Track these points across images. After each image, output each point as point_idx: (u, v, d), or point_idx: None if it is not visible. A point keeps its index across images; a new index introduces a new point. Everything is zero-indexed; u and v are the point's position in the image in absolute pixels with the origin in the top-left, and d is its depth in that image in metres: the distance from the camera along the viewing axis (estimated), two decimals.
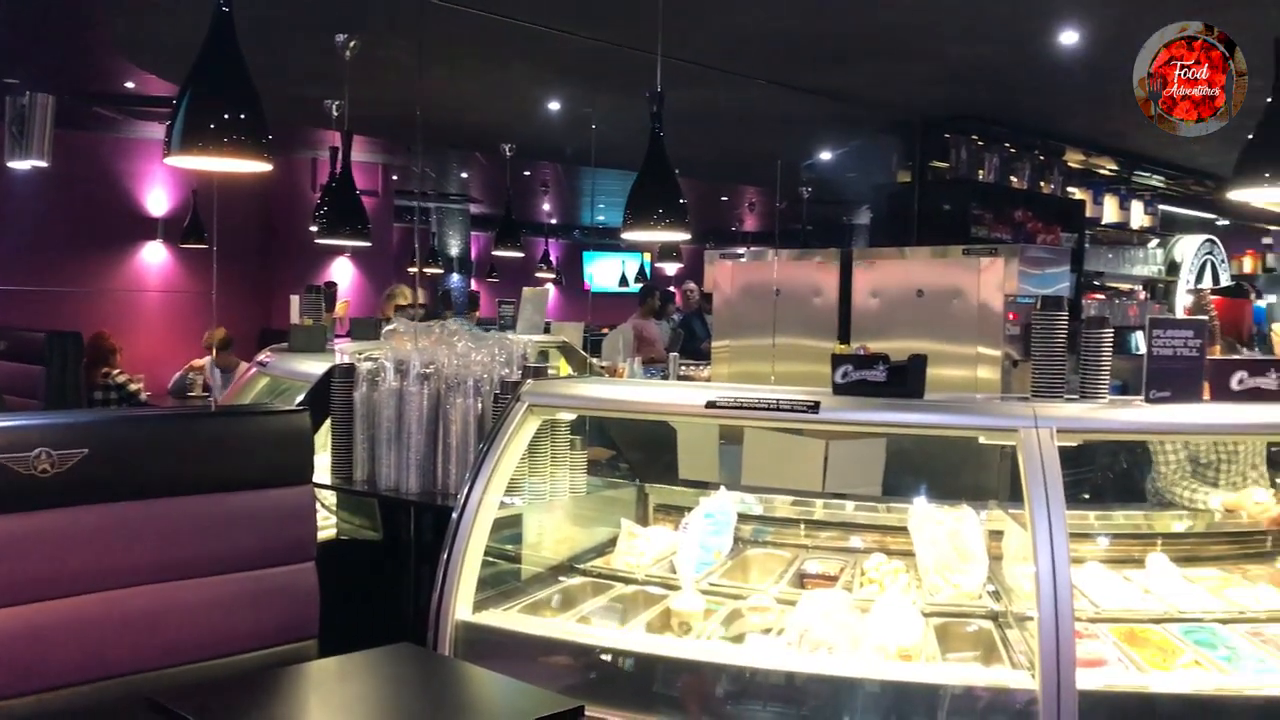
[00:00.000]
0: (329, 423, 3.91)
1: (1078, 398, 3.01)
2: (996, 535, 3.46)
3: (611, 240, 19.89)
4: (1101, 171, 10.48)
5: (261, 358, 5.60)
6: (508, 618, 3.16)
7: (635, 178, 4.57)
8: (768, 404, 3.13)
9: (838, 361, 3.12)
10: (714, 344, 5.94)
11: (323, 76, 6.59)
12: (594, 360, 7.77)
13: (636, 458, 4.28)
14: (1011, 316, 4.89)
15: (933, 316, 5.00)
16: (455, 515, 3.18)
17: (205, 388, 8.67)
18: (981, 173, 8.86)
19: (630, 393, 3.69)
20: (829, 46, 6.73)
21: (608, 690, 2.94)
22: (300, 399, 4.26)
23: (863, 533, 3.86)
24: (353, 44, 5.83)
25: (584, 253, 21.74)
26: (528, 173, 13.81)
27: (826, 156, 10.75)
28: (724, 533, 3.70)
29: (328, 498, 3.91)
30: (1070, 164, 9.97)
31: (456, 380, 3.63)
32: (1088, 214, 9.99)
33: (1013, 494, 3.30)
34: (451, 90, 8.01)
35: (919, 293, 5.10)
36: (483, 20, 6.00)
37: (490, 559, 3.27)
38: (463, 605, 3.10)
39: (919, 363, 3.05)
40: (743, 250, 6.11)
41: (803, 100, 8.04)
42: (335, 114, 6.72)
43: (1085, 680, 2.59)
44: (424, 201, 16.40)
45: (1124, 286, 10.71)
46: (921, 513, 3.48)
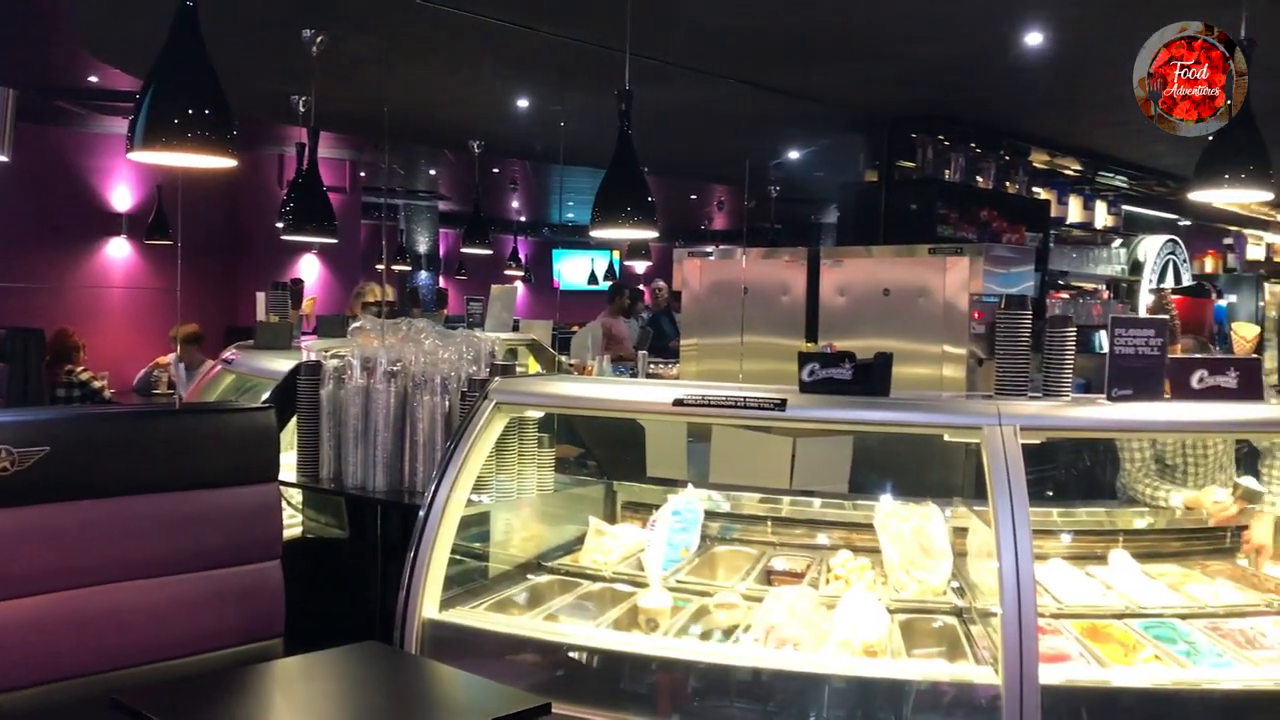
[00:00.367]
0: (295, 420, 3.89)
1: (1041, 396, 3.05)
2: (961, 532, 3.49)
3: (581, 238, 19.88)
4: (1066, 172, 10.58)
5: (227, 355, 5.56)
6: (475, 616, 3.16)
7: (604, 175, 4.57)
8: (735, 402, 3.15)
9: (804, 360, 3.14)
10: (682, 342, 5.95)
11: (290, 72, 6.55)
12: (563, 358, 7.76)
13: (605, 455, 4.28)
14: (976, 315, 4.93)
15: (899, 315, 5.03)
16: (422, 513, 3.17)
17: (170, 385, 8.60)
18: (948, 172, 8.92)
19: (598, 390, 3.70)
20: (797, 46, 6.75)
21: (575, 687, 2.94)
22: (266, 396, 4.23)
23: (829, 530, 3.89)
24: (320, 40, 5.81)
25: (553, 250, 21.72)
26: (496, 170, 13.77)
27: (795, 156, 10.79)
28: (691, 530, 3.71)
29: (294, 496, 3.89)
30: (1035, 164, 10.06)
31: (424, 378, 3.62)
32: (1052, 214, 10.08)
33: (977, 491, 3.33)
34: (419, 87, 7.97)
35: (885, 291, 5.13)
36: (451, 17, 5.98)
37: (457, 557, 3.27)
38: (429, 603, 3.09)
39: (884, 361, 3.07)
40: (711, 249, 6.12)
41: (771, 99, 8.06)
42: (302, 110, 6.69)
43: (1048, 675, 2.62)
44: (392, 198, 16.33)
45: (1088, 286, 10.82)
46: (887, 510, 3.51)
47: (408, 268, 16.70)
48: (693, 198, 16.58)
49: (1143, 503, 4.02)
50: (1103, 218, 10.98)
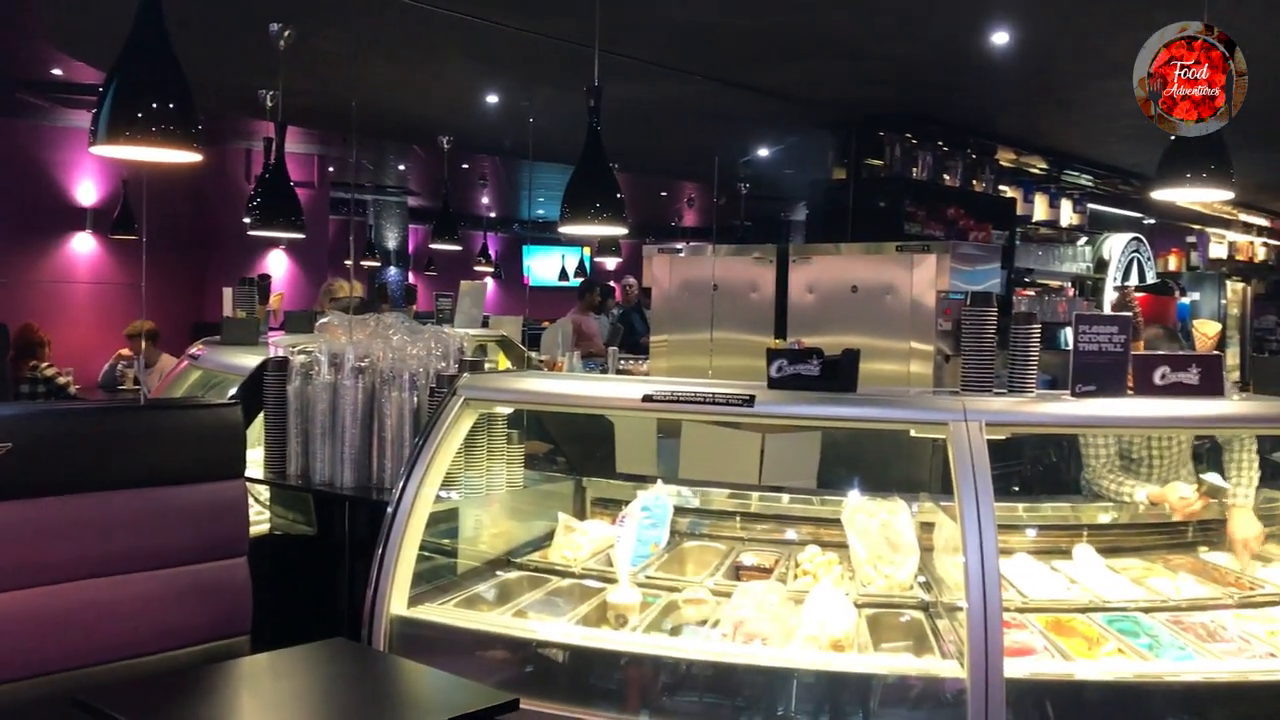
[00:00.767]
0: (262, 417, 3.87)
1: (1006, 392, 3.07)
2: (928, 527, 3.52)
3: (551, 234, 19.84)
4: (1032, 170, 10.66)
5: (193, 350, 5.52)
6: (443, 612, 3.16)
7: (572, 171, 4.57)
8: (703, 398, 3.16)
9: (773, 356, 3.15)
10: (652, 339, 5.95)
11: (257, 66, 6.50)
12: (532, 354, 7.75)
13: (574, 452, 4.28)
14: (945, 312, 4.96)
15: (867, 312, 5.06)
16: (390, 510, 3.16)
17: (136, 380, 8.52)
18: (915, 171, 8.96)
19: (567, 387, 3.70)
20: (766, 44, 6.77)
21: (544, 683, 2.95)
22: (233, 392, 4.21)
23: (798, 525, 3.91)
24: (287, 34, 5.76)
25: (524, 247, 21.67)
26: (466, 166, 13.73)
27: (764, 153, 10.82)
28: (661, 526, 3.73)
29: (261, 492, 3.87)
30: (1002, 163, 10.13)
31: (392, 374, 3.61)
32: (1018, 212, 10.15)
33: (944, 486, 3.36)
34: (387, 82, 7.93)
35: (853, 289, 5.15)
36: (418, 11, 5.95)
37: (426, 554, 3.26)
38: (398, 600, 3.09)
39: (851, 357, 3.09)
40: (681, 245, 6.13)
41: (740, 97, 8.07)
42: (270, 105, 6.62)
43: (1013, 669, 2.65)
44: (361, 194, 16.24)
45: (1053, 283, 10.90)
46: (855, 505, 3.53)
47: (377, 264, 16.61)
48: (663, 194, 16.60)
49: (1107, 498, 4.06)
50: (1068, 216, 11.08)
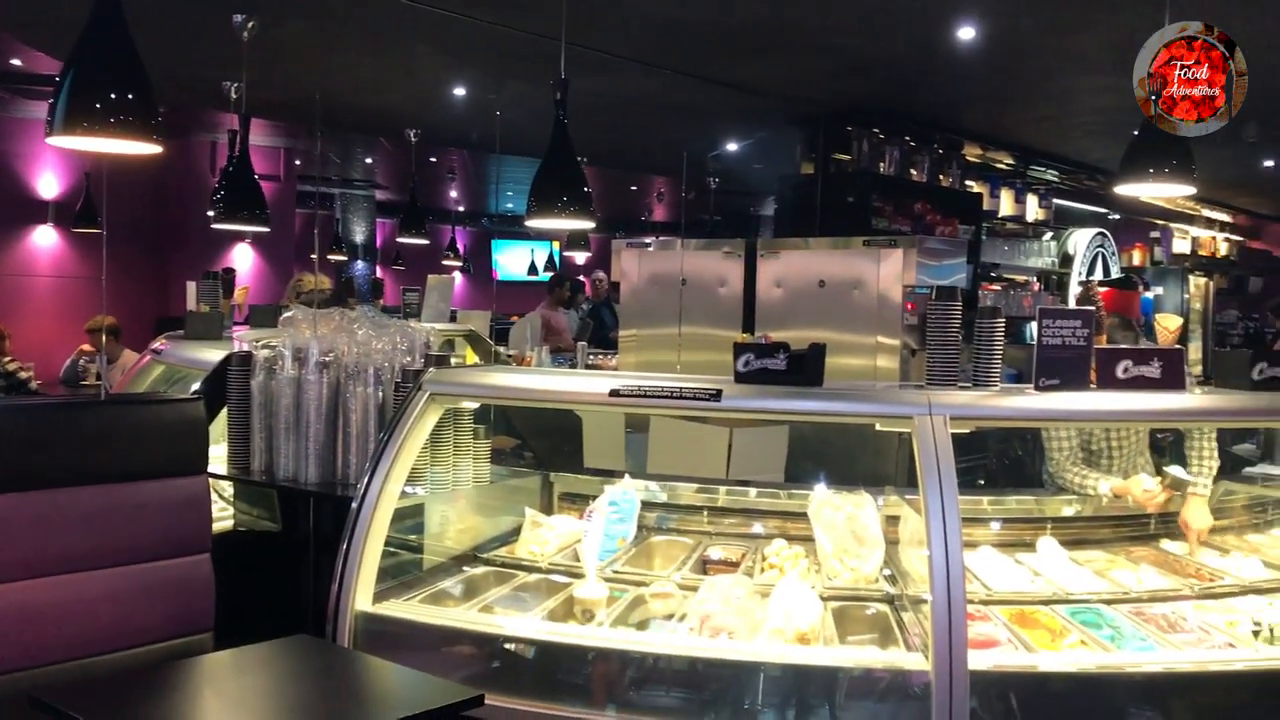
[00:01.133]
0: (225, 412, 3.83)
1: (971, 386, 3.09)
2: (894, 520, 3.54)
3: (521, 229, 19.74)
4: (998, 166, 10.73)
5: (156, 345, 5.46)
6: (409, 608, 3.14)
7: (539, 165, 4.56)
8: (670, 392, 3.15)
9: (740, 350, 3.16)
10: (621, 333, 5.94)
11: (221, 57, 6.43)
12: (500, 349, 7.72)
13: (541, 446, 4.27)
14: (910, 306, 4.98)
15: (834, 306, 5.07)
16: (355, 505, 3.14)
17: (99, 376, 8.43)
18: (882, 165, 9.00)
19: (533, 381, 3.68)
20: (734, 38, 6.77)
21: (511, 679, 2.94)
22: (195, 387, 4.16)
23: (765, 519, 3.92)
24: (251, 25, 5.71)
25: (493, 241, 21.58)
26: (434, 159, 13.65)
27: (733, 148, 10.82)
28: (628, 520, 3.72)
29: (225, 488, 3.84)
30: (968, 158, 10.19)
31: (357, 368, 3.58)
32: (985, 207, 10.22)
33: (910, 480, 3.37)
34: (352, 74, 7.87)
35: (821, 283, 5.16)
36: (383, 3, 5.91)
37: (391, 549, 3.24)
38: (362, 596, 3.07)
39: (818, 352, 3.10)
40: (650, 240, 6.11)
41: (709, 91, 8.07)
42: (234, 96, 6.56)
43: (976, 661, 2.66)
44: (328, 187, 16.12)
45: (1019, 278, 10.98)
46: (821, 499, 3.54)
47: (344, 258, 16.50)
48: (633, 189, 16.59)
49: (1071, 491, 4.09)
50: (1034, 211, 11.16)
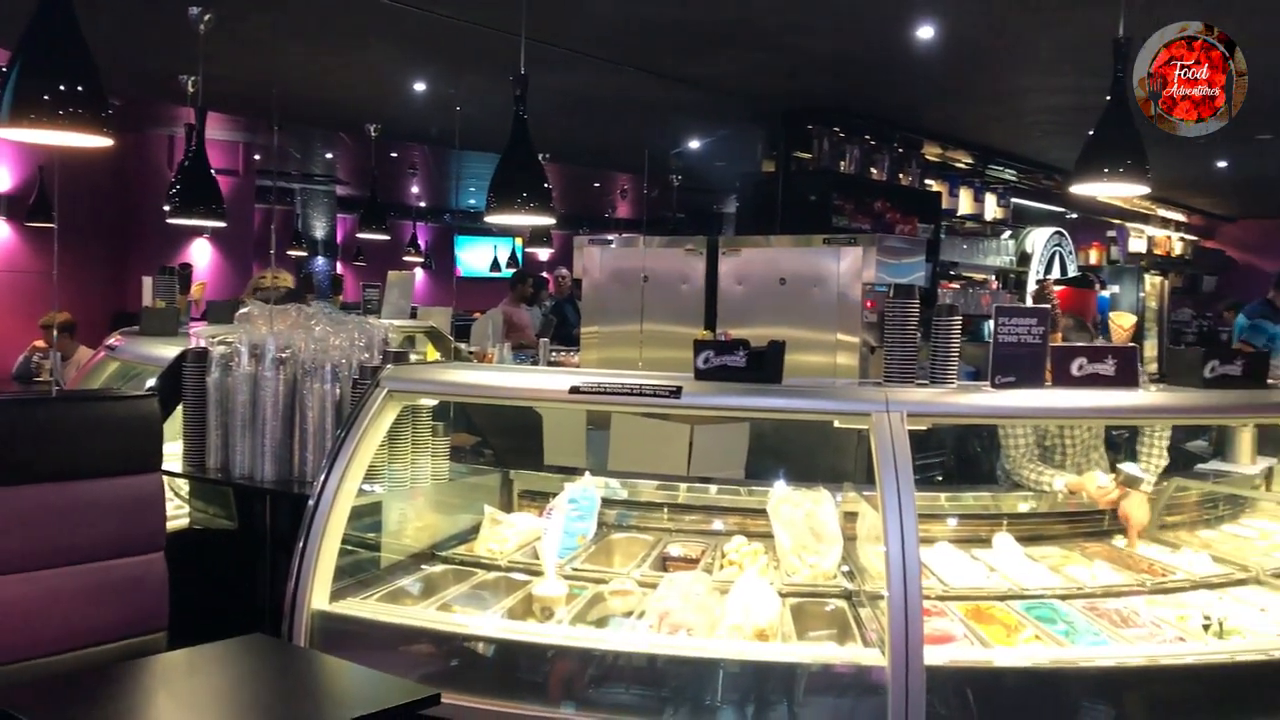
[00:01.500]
0: (181, 409, 3.79)
1: (928, 383, 3.11)
2: (852, 517, 3.55)
3: (483, 225, 19.68)
4: (957, 165, 10.82)
5: (111, 341, 5.39)
6: (366, 607, 3.12)
7: (498, 160, 4.54)
8: (630, 389, 3.15)
9: (700, 347, 3.16)
10: (583, 330, 5.95)
11: (177, 51, 6.36)
12: (462, 346, 7.69)
13: (501, 444, 4.26)
14: (869, 304, 5.01)
15: (795, 304, 5.10)
16: (312, 503, 3.12)
17: (53, 373, 8.30)
18: (843, 164, 9.04)
19: (492, 378, 3.67)
20: (695, 36, 6.77)
21: (468, 677, 2.93)
22: (150, 384, 4.11)
23: (725, 516, 3.92)
24: (207, 18, 5.64)
25: (455, 237, 21.48)
26: (395, 154, 13.56)
27: (695, 145, 10.84)
28: (588, 518, 3.72)
29: (181, 486, 3.80)
30: (928, 157, 10.26)
31: (314, 365, 3.55)
32: (944, 206, 10.29)
33: (868, 476, 3.39)
34: (311, 68, 7.80)
35: (782, 280, 5.19)
36: None
37: (349, 547, 3.22)
38: (319, 595, 3.04)
39: (777, 349, 3.11)
40: (612, 237, 6.12)
41: (670, 88, 8.08)
42: (190, 90, 6.49)
43: (932, 656, 2.68)
44: (288, 182, 15.97)
45: (978, 276, 11.07)
46: (780, 495, 3.55)
47: (303, 253, 16.35)
48: (596, 185, 16.56)
49: (1027, 487, 4.13)
50: (992, 210, 11.26)
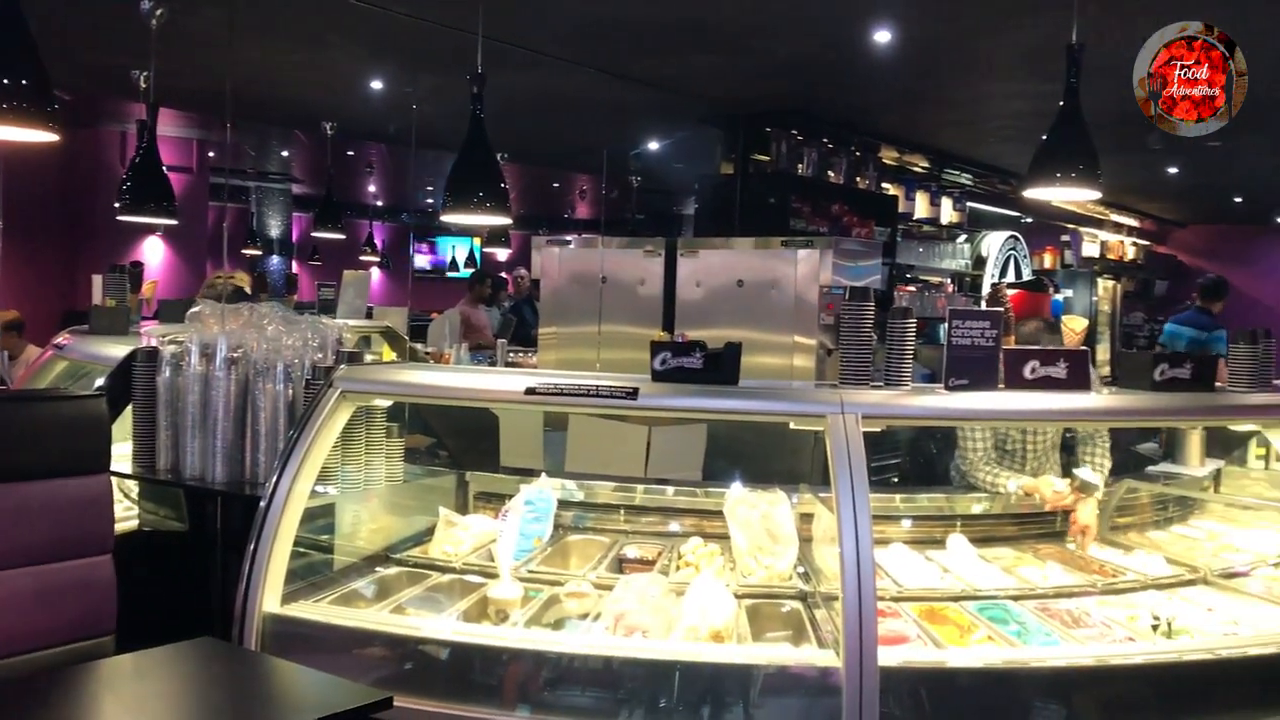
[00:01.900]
0: (131, 409, 3.73)
1: (883, 385, 3.13)
2: (808, 518, 3.56)
3: (442, 224, 19.58)
4: (914, 169, 10.91)
5: (59, 340, 5.30)
6: (318, 610, 3.08)
7: (455, 159, 4.52)
8: (586, 390, 3.14)
9: (657, 349, 3.15)
10: (541, 331, 5.92)
11: (129, 46, 6.27)
12: (418, 346, 7.64)
13: (457, 445, 4.23)
14: (829, 306, 5.03)
15: (753, 306, 5.11)
16: (263, 504, 3.08)
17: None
18: (801, 167, 9.09)
19: (447, 379, 3.64)
20: (653, 37, 6.78)
21: (422, 680, 2.90)
22: (99, 384, 4.05)
23: (681, 517, 3.92)
24: (159, 12, 5.57)
25: (413, 236, 21.35)
26: (351, 152, 13.46)
27: (654, 146, 10.85)
28: (544, 520, 3.70)
29: (130, 487, 3.74)
30: (885, 161, 10.34)
31: (266, 365, 3.51)
32: (900, 209, 10.39)
33: (824, 478, 3.40)
34: (266, 65, 7.72)
35: (739, 282, 5.19)
36: None
37: (301, 550, 3.18)
38: (271, 597, 3.00)
39: (733, 351, 3.11)
40: (571, 238, 6.10)
41: (629, 89, 8.08)
42: (142, 86, 6.40)
43: (886, 657, 2.69)
44: (243, 180, 15.80)
45: (934, 279, 11.18)
46: (736, 497, 3.55)
47: (258, 252, 16.19)
48: (555, 186, 16.53)
49: (982, 489, 4.16)
50: (948, 213, 11.37)
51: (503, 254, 16.97)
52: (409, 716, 2.71)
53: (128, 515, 3.62)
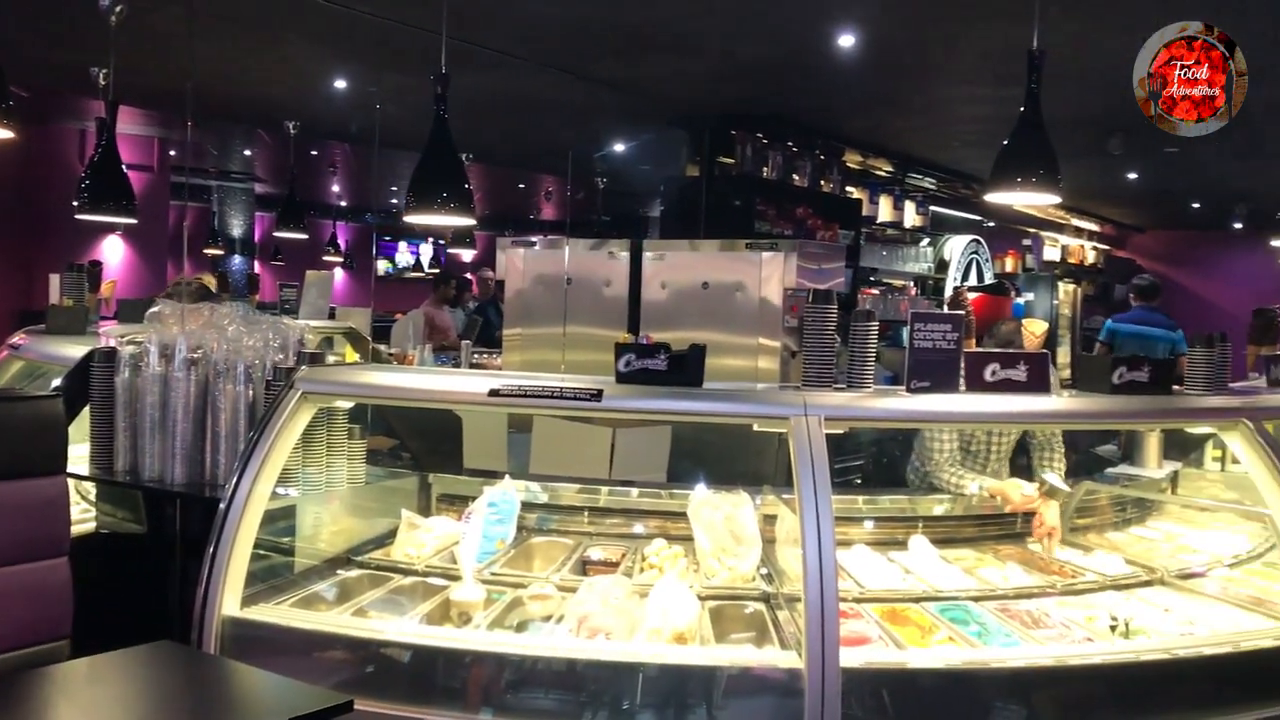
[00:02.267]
0: (89, 410, 3.68)
1: (846, 387, 3.14)
2: (771, 519, 3.58)
3: (407, 224, 19.47)
4: (878, 172, 10.98)
5: (15, 340, 5.22)
6: (278, 613, 3.06)
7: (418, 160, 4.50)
8: (551, 392, 3.13)
9: (621, 351, 3.16)
10: (505, 332, 5.89)
11: (88, 43, 6.19)
12: (381, 347, 7.60)
13: (420, 447, 4.21)
14: (794, 309, 5.04)
15: (717, 308, 5.11)
16: (223, 506, 3.05)
17: None
18: (766, 170, 9.13)
19: (409, 381, 3.62)
20: (619, 38, 6.78)
21: (384, 683, 2.88)
22: (55, 384, 3.99)
23: (646, 519, 3.93)
24: (119, 8, 5.50)
25: (376, 236, 21.24)
26: (315, 152, 13.36)
27: (620, 148, 10.85)
28: (508, 522, 3.69)
29: (88, 489, 3.69)
30: (849, 164, 10.40)
31: (226, 366, 3.47)
32: (864, 213, 10.45)
33: (787, 480, 3.41)
34: (228, 63, 7.65)
35: (705, 285, 5.19)
36: None
37: (261, 552, 3.15)
38: (230, 600, 2.98)
39: (698, 353, 3.11)
40: (535, 239, 6.08)
41: (594, 91, 8.08)
42: (102, 83, 6.33)
43: (849, 658, 2.70)
44: (204, 179, 15.65)
45: (897, 283, 11.26)
46: (700, 498, 3.56)
47: (220, 252, 16.05)
48: (520, 187, 16.49)
49: (946, 491, 4.19)
50: (911, 217, 11.46)
51: (468, 255, 16.92)
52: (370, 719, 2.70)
53: (85, 517, 3.57)
